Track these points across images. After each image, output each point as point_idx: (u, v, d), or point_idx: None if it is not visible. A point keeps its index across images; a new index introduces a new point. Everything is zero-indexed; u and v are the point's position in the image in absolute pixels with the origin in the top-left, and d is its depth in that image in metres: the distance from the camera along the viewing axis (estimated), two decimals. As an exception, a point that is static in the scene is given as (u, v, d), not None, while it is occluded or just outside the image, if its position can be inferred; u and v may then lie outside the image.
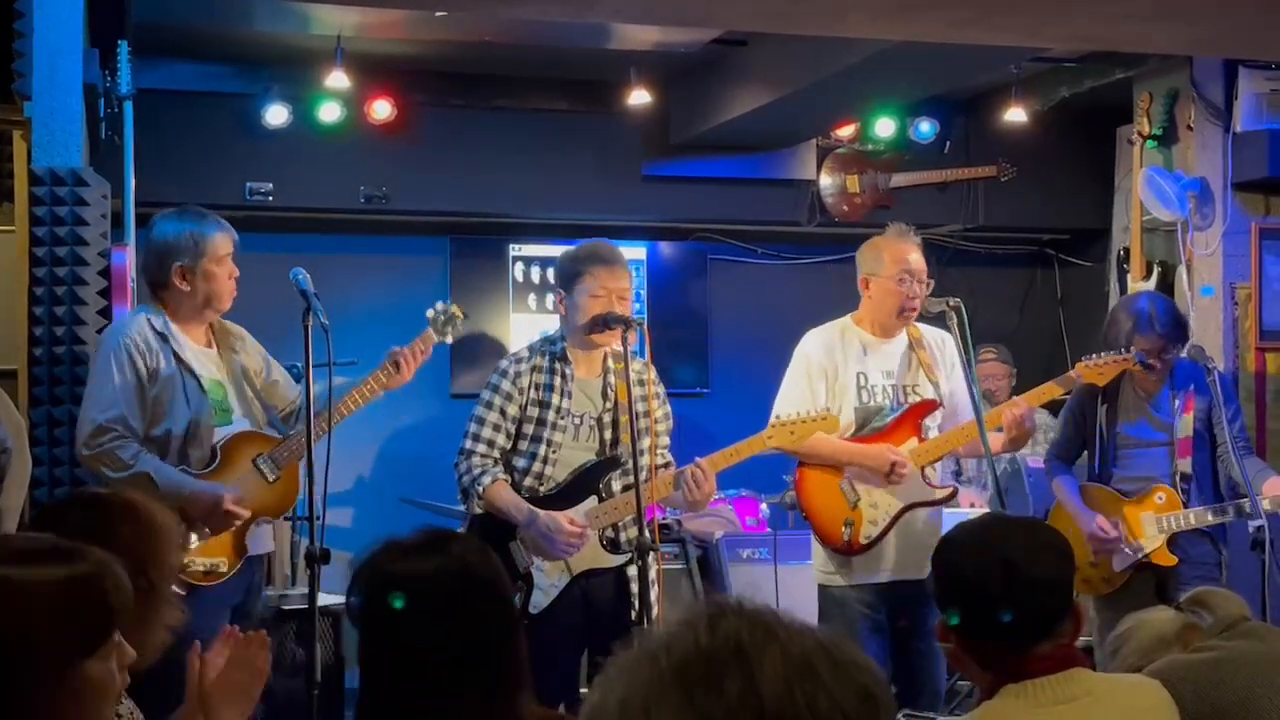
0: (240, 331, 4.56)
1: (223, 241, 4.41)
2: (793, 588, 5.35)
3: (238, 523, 4.26)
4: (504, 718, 2.15)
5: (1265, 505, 4.85)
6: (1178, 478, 5.08)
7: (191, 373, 4.30)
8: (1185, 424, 5.10)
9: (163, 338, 4.31)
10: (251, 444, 4.38)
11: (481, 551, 2.28)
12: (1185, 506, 5.04)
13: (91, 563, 1.92)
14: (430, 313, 4.56)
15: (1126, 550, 5.06)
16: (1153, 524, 5.06)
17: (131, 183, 5.31)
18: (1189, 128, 6.79)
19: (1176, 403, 5.12)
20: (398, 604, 2.14)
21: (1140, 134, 6.85)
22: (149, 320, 4.34)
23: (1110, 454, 5.17)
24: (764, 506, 6.77)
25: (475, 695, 2.14)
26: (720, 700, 1.17)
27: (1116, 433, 5.17)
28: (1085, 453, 5.32)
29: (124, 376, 4.24)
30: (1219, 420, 5.08)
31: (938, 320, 4.76)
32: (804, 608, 4.90)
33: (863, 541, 4.70)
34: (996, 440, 4.80)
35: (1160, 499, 5.06)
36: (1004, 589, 2.38)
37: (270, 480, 4.37)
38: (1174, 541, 5.05)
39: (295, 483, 4.40)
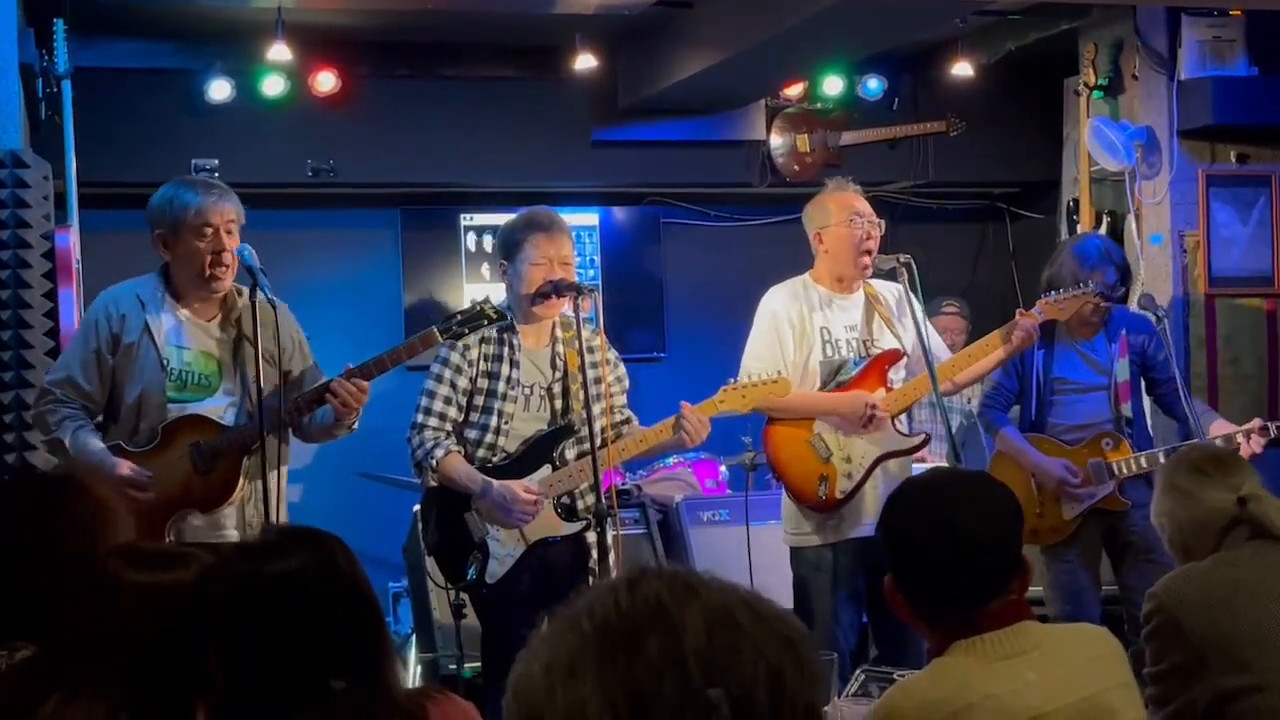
0: (281, 310, 4.17)
1: (203, 211, 4.09)
2: (760, 548, 5.35)
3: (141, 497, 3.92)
4: (376, 703, 2.05)
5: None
6: (1122, 423, 5.11)
7: (154, 344, 4.12)
8: (1123, 367, 5.13)
9: (142, 305, 4.16)
10: (196, 429, 4.10)
11: (339, 541, 2.12)
12: (1133, 451, 5.07)
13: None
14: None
15: (1082, 496, 5.08)
16: (1103, 470, 5.09)
17: (73, 163, 5.26)
18: (1134, 77, 6.81)
19: (1113, 346, 5.15)
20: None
21: (1086, 85, 6.86)
22: (139, 286, 4.21)
23: (1046, 400, 5.19)
24: (723, 468, 6.77)
25: (347, 691, 2.01)
26: (642, 658, 1.20)
27: (1054, 378, 5.18)
28: (1019, 405, 5.31)
29: (86, 342, 4.18)
30: (1159, 363, 5.12)
31: (890, 276, 4.78)
32: (775, 567, 4.91)
33: (839, 495, 4.71)
34: (994, 356, 4.85)
35: (1108, 444, 5.08)
36: (953, 554, 2.36)
37: (200, 470, 4.10)
38: (1120, 487, 5.08)
39: (233, 476, 4.10)
